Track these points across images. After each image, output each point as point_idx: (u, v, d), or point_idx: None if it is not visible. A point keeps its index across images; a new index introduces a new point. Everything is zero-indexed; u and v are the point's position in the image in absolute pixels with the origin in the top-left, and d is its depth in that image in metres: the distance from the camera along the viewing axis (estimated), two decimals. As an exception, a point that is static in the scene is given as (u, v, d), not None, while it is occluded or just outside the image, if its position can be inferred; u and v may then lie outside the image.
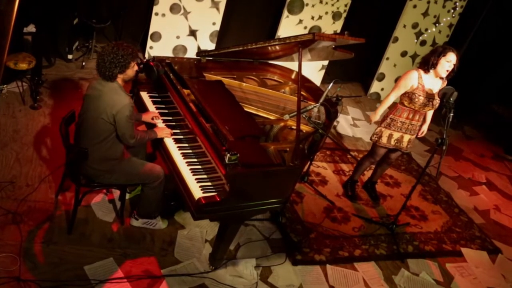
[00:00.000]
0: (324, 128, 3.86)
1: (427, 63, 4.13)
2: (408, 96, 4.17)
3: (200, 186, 3.22)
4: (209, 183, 3.27)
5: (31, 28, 5.20)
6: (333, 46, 3.74)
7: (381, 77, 7.23)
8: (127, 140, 3.33)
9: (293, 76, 4.68)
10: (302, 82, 4.64)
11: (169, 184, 3.64)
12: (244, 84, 4.31)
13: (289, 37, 3.42)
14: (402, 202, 4.39)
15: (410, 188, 4.31)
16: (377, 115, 4.47)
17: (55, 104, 5.06)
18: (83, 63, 5.93)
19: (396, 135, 4.35)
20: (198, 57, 4.37)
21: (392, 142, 4.38)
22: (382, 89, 7.32)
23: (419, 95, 4.14)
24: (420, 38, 7.03)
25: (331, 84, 4.18)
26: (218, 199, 3.06)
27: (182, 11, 6.14)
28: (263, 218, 4.16)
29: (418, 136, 4.55)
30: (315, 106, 3.94)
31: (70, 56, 6.00)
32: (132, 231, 3.71)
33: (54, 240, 3.47)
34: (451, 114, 3.92)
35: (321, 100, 4.04)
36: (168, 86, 3.88)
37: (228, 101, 3.82)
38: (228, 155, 2.96)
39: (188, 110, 3.58)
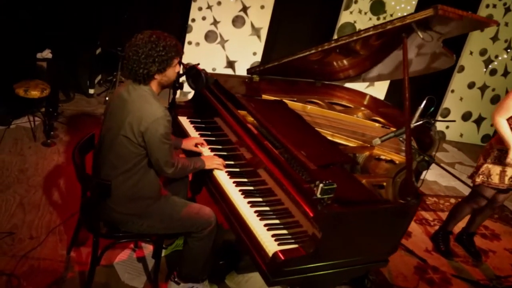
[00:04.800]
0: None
1: None
2: None
3: (272, 236, 2.22)
4: (285, 231, 2.27)
5: (47, 53, 4.45)
6: (442, 41, 2.80)
7: (446, 113, 6.25)
8: (163, 170, 2.39)
9: (365, 102, 3.76)
10: (376, 106, 3.75)
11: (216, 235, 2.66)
12: (309, 106, 3.40)
13: (391, 21, 2.47)
14: (509, 259, 3.31)
15: (512, 241, 3.23)
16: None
17: (71, 141, 4.19)
18: (107, 98, 5.12)
19: (511, 171, 3.34)
20: (249, 75, 3.51)
21: (507, 181, 3.36)
22: (447, 127, 6.33)
23: None
24: (490, 66, 6.10)
25: (424, 102, 3.25)
26: (304, 253, 2.06)
27: (218, 39, 5.41)
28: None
29: None
30: (418, 123, 2.98)
31: (91, 91, 5.23)
32: (169, 301, 2.69)
33: (62, 314, 2.47)
34: None
35: (414, 121, 3.08)
36: (217, 106, 2.98)
37: (297, 123, 2.91)
38: (321, 185, 1.98)
39: (248, 133, 2.65)
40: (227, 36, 5.42)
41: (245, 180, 2.62)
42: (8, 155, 3.76)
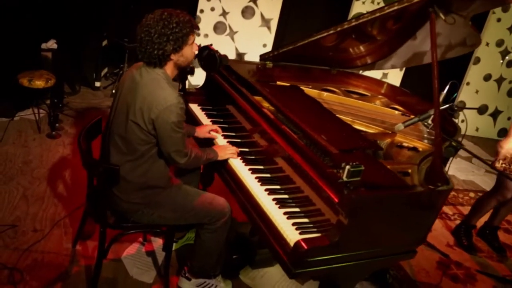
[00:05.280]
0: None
1: None
2: None
3: (293, 224, 2.06)
4: (305, 219, 2.11)
5: (52, 44, 4.32)
6: (470, 19, 2.64)
7: (461, 106, 6.06)
8: (175, 159, 2.23)
9: (383, 90, 3.60)
10: (394, 94, 3.59)
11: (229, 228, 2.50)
12: (325, 93, 3.25)
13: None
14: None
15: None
16: None
17: (77, 133, 4.05)
18: (113, 91, 4.98)
19: (535, 158, 3.17)
20: (263, 62, 3.35)
21: (531, 169, 3.19)
22: (462, 121, 6.14)
23: None
24: (507, 58, 5.91)
25: (447, 87, 3.10)
26: (328, 242, 1.90)
27: (228, 31, 5.26)
28: (362, 276, 2.93)
29: None
30: (446, 107, 2.84)
31: (97, 84, 5.10)
32: (181, 296, 2.53)
33: (68, 310, 2.32)
34: None
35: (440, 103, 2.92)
36: (231, 91, 2.83)
37: (315, 108, 2.75)
38: (348, 167, 1.82)
39: (264, 118, 2.49)
40: (236, 27, 5.27)
41: (261, 167, 2.46)
42: (11, 147, 3.63)
